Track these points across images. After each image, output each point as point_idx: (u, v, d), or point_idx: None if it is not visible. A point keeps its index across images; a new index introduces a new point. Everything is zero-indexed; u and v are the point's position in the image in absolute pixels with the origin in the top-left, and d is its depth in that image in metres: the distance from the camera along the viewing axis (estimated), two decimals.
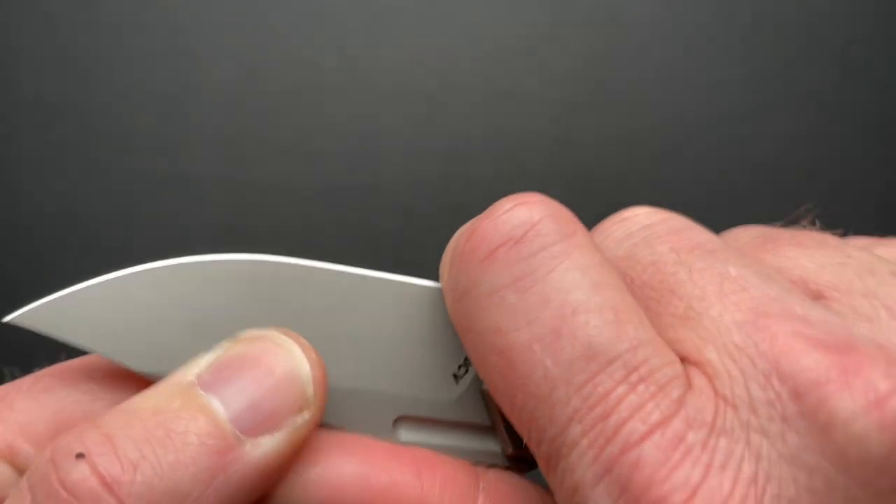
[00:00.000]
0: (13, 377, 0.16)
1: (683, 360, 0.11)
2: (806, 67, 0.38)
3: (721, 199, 0.37)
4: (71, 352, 0.14)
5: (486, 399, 0.14)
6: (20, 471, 0.13)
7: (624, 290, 0.12)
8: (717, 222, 0.39)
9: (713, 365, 0.11)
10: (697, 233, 0.13)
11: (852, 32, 0.38)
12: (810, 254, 0.13)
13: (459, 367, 0.14)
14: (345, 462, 0.13)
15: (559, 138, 0.37)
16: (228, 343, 0.13)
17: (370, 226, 0.36)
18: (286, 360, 0.13)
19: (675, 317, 0.12)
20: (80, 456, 0.11)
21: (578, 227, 0.13)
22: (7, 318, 0.13)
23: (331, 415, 0.13)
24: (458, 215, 0.39)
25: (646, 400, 0.11)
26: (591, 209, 0.38)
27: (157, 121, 0.36)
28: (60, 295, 0.13)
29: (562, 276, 0.12)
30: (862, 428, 0.10)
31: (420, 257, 0.37)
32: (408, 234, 0.37)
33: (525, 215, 0.12)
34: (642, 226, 0.14)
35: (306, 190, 0.36)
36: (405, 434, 0.14)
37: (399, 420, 0.14)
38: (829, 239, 0.14)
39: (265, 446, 0.12)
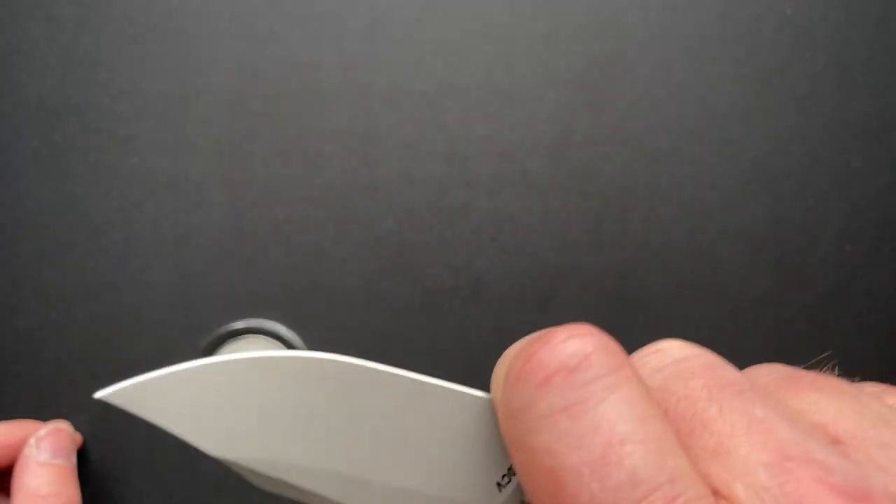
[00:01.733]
0: None
1: (714, 492, 0.13)
2: (803, 69, 0.38)
3: (719, 200, 0.37)
4: None
5: None
6: None
7: (665, 422, 0.13)
8: (715, 222, 0.40)
9: (741, 500, 0.12)
10: (727, 371, 0.15)
11: (849, 35, 0.38)
12: (829, 400, 0.14)
13: (503, 477, 0.15)
14: None
15: (559, 139, 0.37)
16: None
17: (370, 226, 0.37)
18: None
19: (706, 451, 0.13)
20: None
21: (626, 360, 0.14)
22: (97, 395, 0.14)
23: None
24: (459, 215, 0.39)
25: None
26: (591, 209, 0.39)
27: (159, 122, 0.36)
28: (146, 378, 0.14)
29: (611, 407, 0.13)
30: None
31: (420, 257, 0.37)
32: (408, 234, 0.37)
33: (579, 346, 0.13)
34: (675, 359, 0.15)
35: (307, 190, 0.37)
36: None
37: None
38: (847, 386, 0.15)
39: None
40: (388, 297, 0.37)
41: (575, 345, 0.13)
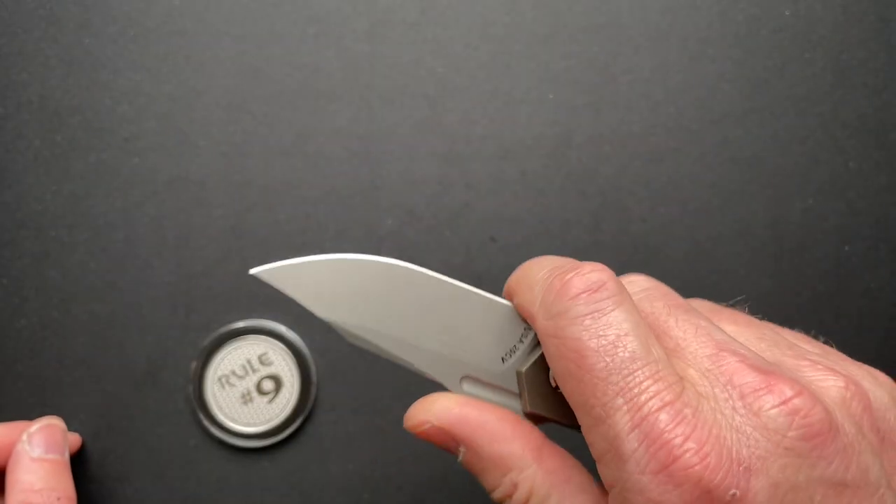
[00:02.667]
0: None
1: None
2: (801, 70, 0.38)
3: (717, 200, 0.37)
4: None
5: (518, 376, 0.23)
6: None
7: (648, 328, 0.20)
8: (714, 222, 0.40)
9: (694, 378, 0.19)
10: (678, 297, 0.22)
11: (847, 36, 0.38)
12: (742, 329, 0.22)
13: (507, 354, 0.23)
14: (453, 402, 0.22)
15: (558, 139, 0.37)
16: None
17: (370, 226, 0.37)
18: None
19: (668, 349, 0.20)
20: None
21: (625, 288, 0.20)
22: (252, 271, 0.22)
23: (426, 366, 0.22)
24: (459, 215, 0.39)
25: (662, 389, 0.18)
26: (590, 209, 0.39)
27: (160, 122, 0.37)
28: (283, 263, 0.22)
29: (618, 314, 0.20)
30: (774, 413, 0.18)
31: (420, 257, 0.37)
32: (408, 234, 0.37)
33: (599, 276, 0.20)
34: (643, 288, 0.22)
35: (307, 190, 0.37)
36: (467, 387, 0.23)
37: (464, 377, 0.22)
38: (754, 320, 0.23)
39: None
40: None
41: (596, 275, 0.20)
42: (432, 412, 0.22)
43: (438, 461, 0.36)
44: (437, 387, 0.23)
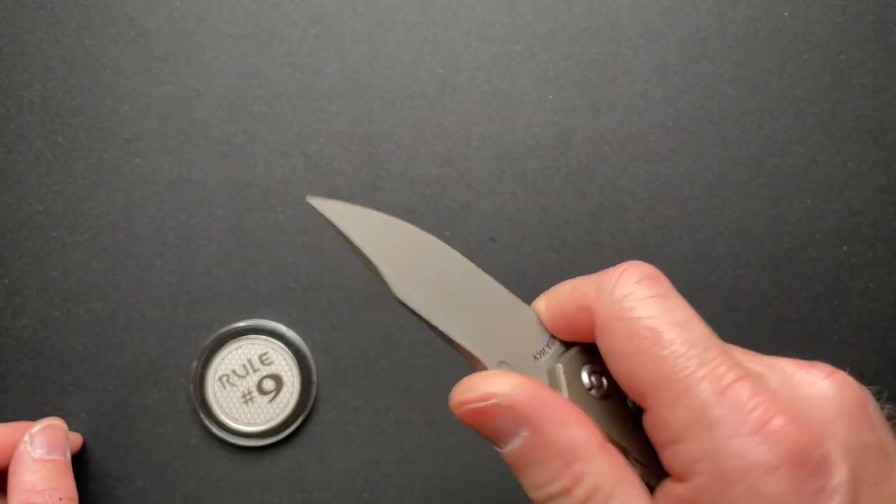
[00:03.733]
0: None
1: None
2: (800, 71, 0.38)
3: (716, 200, 0.38)
4: None
5: (549, 374, 0.22)
6: None
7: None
8: (712, 222, 0.40)
9: (742, 360, 0.20)
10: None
11: (846, 37, 0.38)
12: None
13: (539, 353, 0.23)
14: (521, 380, 0.21)
15: (557, 140, 0.37)
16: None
17: None
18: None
19: None
20: None
21: None
22: (310, 199, 0.23)
23: (469, 343, 0.22)
24: (458, 215, 0.39)
25: (733, 364, 0.19)
26: (589, 209, 0.39)
27: (162, 123, 0.37)
28: (335, 203, 0.23)
29: (680, 299, 0.21)
30: (825, 384, 0.19)
31: None
32: None
33: (652, 268, 0.21)
34: None
35: (307, 190, 0.37)
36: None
37: (501, 363, 0.22)
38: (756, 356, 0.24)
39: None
40: (388, 297, 0.37)
41: (649, 267, 0.21)
42: (500, 387, 0.20)
43: (438, 461, 0.37)
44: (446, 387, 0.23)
